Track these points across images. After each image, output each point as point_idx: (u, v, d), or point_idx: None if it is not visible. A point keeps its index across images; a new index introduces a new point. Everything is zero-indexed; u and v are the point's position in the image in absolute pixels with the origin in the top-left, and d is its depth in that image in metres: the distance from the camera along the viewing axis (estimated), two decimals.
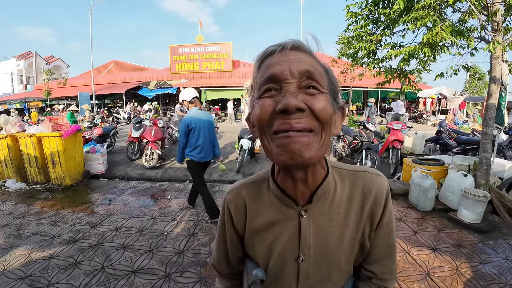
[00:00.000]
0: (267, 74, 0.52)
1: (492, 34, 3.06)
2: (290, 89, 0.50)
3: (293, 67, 0.51)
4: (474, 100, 16.96)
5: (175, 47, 21.50)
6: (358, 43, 3.97)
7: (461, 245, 2.86)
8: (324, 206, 0.61)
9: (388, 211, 0.63)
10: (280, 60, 0.52)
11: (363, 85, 16.41)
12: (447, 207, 3.65)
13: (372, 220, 0.62)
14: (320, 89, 0.51)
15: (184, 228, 3.33)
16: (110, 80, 22.84)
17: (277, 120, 0.50)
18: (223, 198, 0.74)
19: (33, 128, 5.06)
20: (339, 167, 0.66)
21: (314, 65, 0.53)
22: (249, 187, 0.69)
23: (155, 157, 6.00)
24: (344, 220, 0.61)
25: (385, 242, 0.65)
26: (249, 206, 0.67)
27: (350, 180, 0.64)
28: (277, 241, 0.62)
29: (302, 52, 0.54)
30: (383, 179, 0.64)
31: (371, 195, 0.61)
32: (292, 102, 0.48)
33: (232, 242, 0.71)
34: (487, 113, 3.37)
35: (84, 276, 2.41)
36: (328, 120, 0.51)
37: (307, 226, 0.60)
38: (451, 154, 5.83)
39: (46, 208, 3.96)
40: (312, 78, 0.51)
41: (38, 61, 30.11)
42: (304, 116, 0.49)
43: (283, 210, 0.62)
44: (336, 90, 0.57)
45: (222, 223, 0.73)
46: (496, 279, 2.33)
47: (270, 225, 0.63)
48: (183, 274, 2.46)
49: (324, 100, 0.51)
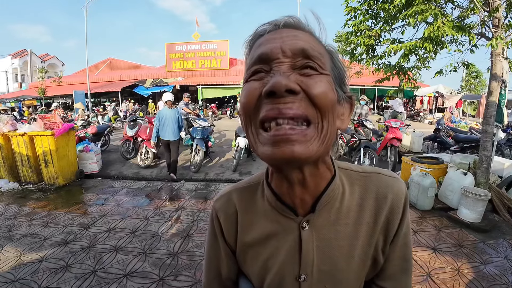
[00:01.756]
0: (256, 54, 0.44)
1: (493, 31, 3.00)
2: (281, 68, 0.41)
3: (285, 45, 0.42)
4: (471, 98, 17.04)
5: (172, 44, 21.32)
6: (357, 38, 3.90)
7: (461, 245, 2.81)
8: (330, 216, 0.51)
9: (406, 220, 0.53)
10: (271, 38, 0.44)
11: (360, 83, 16.37)
12: (447, 206, 3.60)
13: (388, 232, 0.52)
14: (319, 70, 0.42)
15: (179, 229, 3.25)
16: (106, 78, 22.59)
17: (264, 105, 0.41)
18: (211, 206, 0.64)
19: (25, 126, 4.94)
20: (347, 168, 0.56)
21: (312, 43, 0.44)
22: (241, 193, 0.59)
23: (150, 156, 5.91)
24: (353, 231, 0.51)
25: (401, 256, 0.54)
26: (241, 216, 0.57)
27: (360, 184, 0.54)
28: (273, 257, 0.53)
29: (298, 30, 0.45)
30: (400, 182, 0.54)
31: (386, 202, 0.51)
32: (281, 82, 0.39)
33: (224, 258, 0.60)
34: (488, 111, 3.32)
35: (75, 280, 2.33)
36: (329, 107, 0.42)
37: (309, 240, 0.50)
38: (449, 152, 5.81)
39: (38, 209, 3.86)
40: (309, 57, 0.42)
41: (33, 59, 29.73)
42: (297, 101, 0.40)
43: (280, 221, 0.52)
44: (342, 76, 0.48)
45: (211, 235, 0.62)
46: (498, 279, 2.28)
47: (265, 238, 0.54)
48: (177, 277, 2.38)
49: (324, 82, 0.42)
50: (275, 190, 0.52)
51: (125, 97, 20.46)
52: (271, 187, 0.53)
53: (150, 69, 23.82)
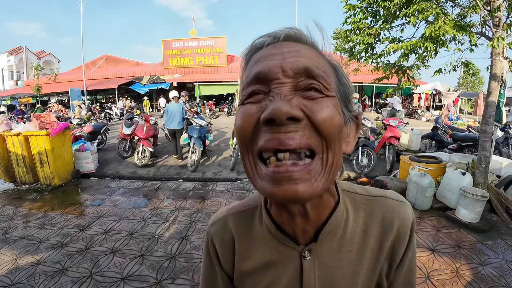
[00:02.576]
0: (253, 73, 0.39)
1: (494, 30, 2.98)
2: (282, 91, 0.37)
3: (286, 63, 0.37)
4: (468, 96, 17.09)
5: (168, 41, 21.14)
6: (356, 36, 3.86)
7: (460, 245, 2.80)
8: (333, 244, 0.48)
9: (412, 247, 0.51)
10: (270, 54, 0.39)
11: (358, 80, 16.34)
12: (445, 206, 3.60)
13: (393, 258, 0.50)
14: (324, 92, 0.38)
15: (176, 230, 3.23)
16: (102, 75, 22.38)
17: (263, 134, 0.37)
18: (207, 228, 0.60)
19: (20, 126, 4.87)
20: (351, 191, 0.52)
21: (316, 59, 0.40)
22: (238, 218, 0.56)
23: (147, 154, 5.85)
24: (357, 259, 0.49)
25: (406, 280, 0.52)
26: (238, 243, 0.54)
27: (365, 208, 0.51)
28: (273, 286, 0.50)
29: (300, 44, 0.41)
30: (407, 207, 0.51)
31: (392, 228, 0.49)
32: (281, 108, 0.34)
33: (221, 283, 0.58)
34: (487, 111, 3.30)
35: (72, 284, 2.30)
36: (336, 134, 0.38)
37: (311, 269, 0.48)
38: (447, 151, 5.81)
39: (34, 210, 3.81)
40: (313, 76, 0.38)
41: (28, 56, 29.44)
42: (300, 129, 0.36)
43: (280, 249, 0.49)
44: (348, 95, 0.44)
45: (207, 259, 0.59)
46: (496, 281, 2.28)
47: (264, 267, 0.51)
48: (174, 280, 2.36)
49: (330, 106, 0.38)
50: (274, 218, 0.49)
51: (122, 94, 20.31)
52: (270, 214, 0.50)
53: (147, 66, 23.64)
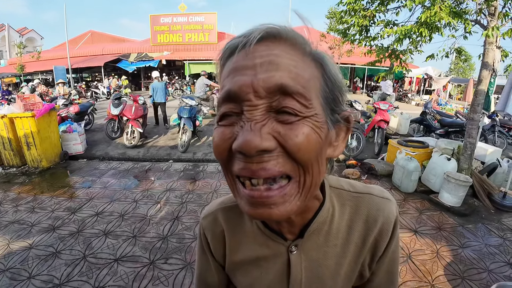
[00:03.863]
0: (225, 90, 0.36)
1: (489, 19, 2.97)
2: (253, 116, 0.34)
3: (258, 80, 0.34)
4: (459, 81, 17.27)
5: (156, 16, 20.19)
6: (351, 18, 3.79)
7: (441, 227, 2.95)
8: (319, 239, 0.50)
9: (395, 240, 0.53)
10: (241, 66, 0.35)
11: (351, 61, 16.25)
12: (429, 189, 3.74)
13: (375, 251, 0.53)
14: (300, 113, 0.34)
15: (168, 211, 3.26)
16: (87, 52, 21.37)
17: (237, 160, 0.36)
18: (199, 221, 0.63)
19: (4, 108, 4.68)
20: (339, 187, 0.53)
21: (295, 65, 0.35)
22: (228, 213, 0.57)
23: (136, 135, 5.77)
24: (341, 252, 0.51)
25: (388, 270, 0.56)
26: (228, 236, 0.56)
27: (351, 205, 0.52)
28: (262, 277, 0.54)
29: (278, 44, 0.36)
30: (392, 204, 0.53)
31: (376, 225, 0.51)
32: (250, 142, 0.32)
33: (214, 271, 0.61)
34: (476, 99, 3.36)
35: (66, 267, 2.32)
36: (312, 159, 0.36)
37: (298, 262, 0.51)
38: (434, 135, 5.95)
39: (23, 194, 3.75)
40: (289, 94, 0.34)
41: (10, 34, 27.81)
42: (274, 158, 0.34)
43: (269, 244, 0.52)
44: (336, 95, 0.40)
45: (200, 249, 0.62)
46: (475, 263, 2.40)
47: (254, 260, 0.54)
48: (167, 260, 2.42)
49: (306, 131, 0.34)
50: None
51: (108, 72, 19.59)
52: None
53: (134, 43, 22.72)
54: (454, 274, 2.26)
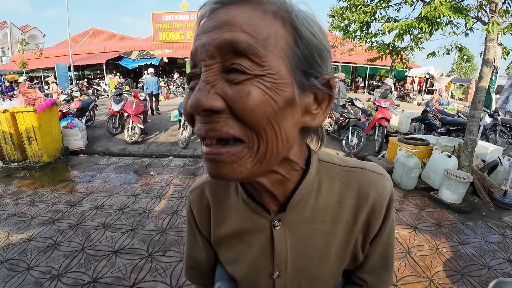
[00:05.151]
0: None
1: (490, 15, 2.95)
2: (206, 77, 0.34)
3: (209, 40, 0.34)
4: (461, 81, 17.21)
5: (158, 14, 20.16)
6: (352, 14, 3.77)
7: (441, 224, 2.94)
8: (304, 214, 0.47)
9: (389, 221, 0.50)
10: (202, 30, 0.36)
11: (353, 60, 16.18)
12: (429, 186, 3.73)
13: (368, 231, 0.49)
14: (249, 71, 0.33)
15: (167, 205, 3.27)
16: (89, 49, 21.37)
17: (196, 121, 0.37)
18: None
19: (6, 103, 4.70)
20: (329, 162, 0.50)
21: (249, 26, 0.33)
22: (214, 186, 0.56)
23: (137, 131, 5.78)
24: (330, 229, 0.48)
25: (383, 254, 0.53)
26: (214, 210, 0.55)
27: (342, 180, 0.49)
28: (246, 251, 0.52)
29: (240, 7, 0.35)
30: (386, 179, 0.49)
31: (368, 201, 0.47)
32: (197, 101, 0.33)
33: (202, 247, 0.60)
34: (477, 96, 3.34)
35: (64, 258, 2.33)
36: (263, 123, 0.34)
37: (282, 239, 0.48)
38: (435, 134, 5.93)
39: (24, 188, 3.76)
40: (240, 51, 0.32)
41: (13, 31, 28.02)
42: (223, 119, 0.34)
43: (253, 218, 0.50)
44: (310, 56, 0.37)
45: (188, 225, 0.61)
46: (475, 260, 2.39)
47: (238, 233, 0.52)
48: (165, 253, 2.42)
49: (254, 92, 0.33)
50: (247, 188, 0.50)
51: (110, 70, 19.62)
52: (244, 184, 0.50)
53: (136, 40, 22.72)
54: (453, 270, 2.25)
